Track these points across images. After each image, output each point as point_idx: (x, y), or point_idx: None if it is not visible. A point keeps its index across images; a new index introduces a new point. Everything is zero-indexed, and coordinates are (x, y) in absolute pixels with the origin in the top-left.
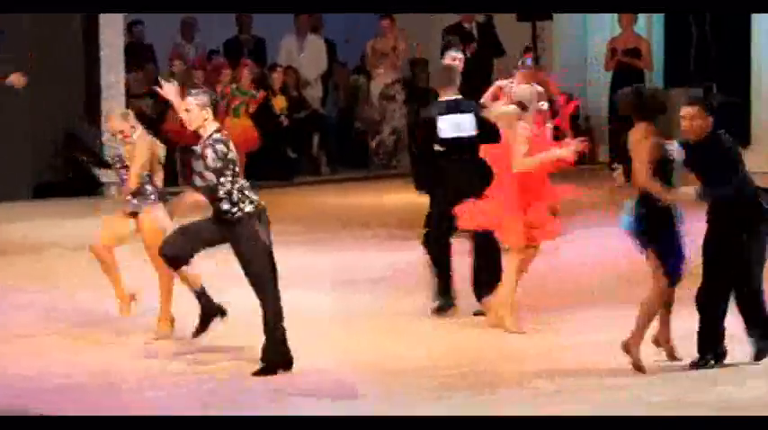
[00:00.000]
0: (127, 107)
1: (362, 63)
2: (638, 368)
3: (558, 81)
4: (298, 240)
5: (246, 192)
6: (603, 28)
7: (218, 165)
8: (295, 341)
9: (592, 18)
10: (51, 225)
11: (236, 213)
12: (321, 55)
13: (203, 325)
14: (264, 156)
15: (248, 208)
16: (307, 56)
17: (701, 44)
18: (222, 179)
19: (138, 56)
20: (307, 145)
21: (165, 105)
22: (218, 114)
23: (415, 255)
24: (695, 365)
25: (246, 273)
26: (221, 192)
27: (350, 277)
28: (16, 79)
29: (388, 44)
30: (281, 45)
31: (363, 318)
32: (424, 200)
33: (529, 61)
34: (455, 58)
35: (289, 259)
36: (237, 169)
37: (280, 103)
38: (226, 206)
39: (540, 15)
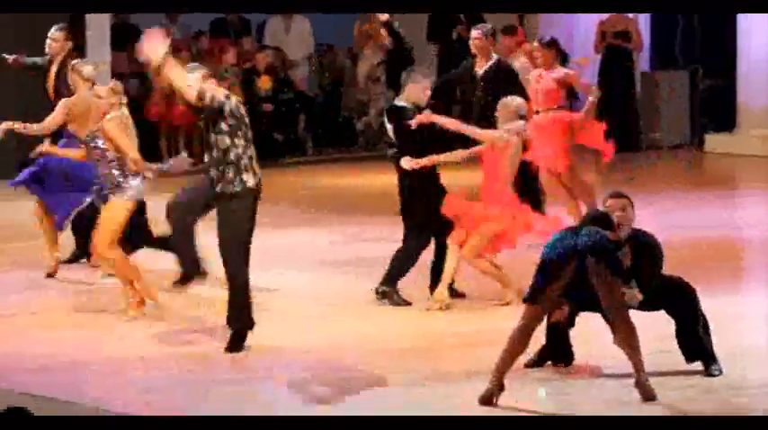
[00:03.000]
0: None
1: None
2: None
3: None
4: (283, 221)
5: (253, 164)
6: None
7: (232, 122)
8: (280, 322)
9: None
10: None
11: (236, 186)
12: (307, 36)
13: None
14: None
15: (250, 181)
16: (293, 36)
17: (687, 28)
18: (236, 140)
19: (123, 36)
20: (293, 126)
21: (150, 86)
22: None
23: (400, 237)
24: None
25: (220, 243)
26: (231, 156)
27: (335, 258)
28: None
29: (374, 24)
30: (266, 26)
31: (348, 299)
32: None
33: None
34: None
35: (274, 240)
36: (250, 135)
37: (265, 83)
38: (230, 174)
39: None
